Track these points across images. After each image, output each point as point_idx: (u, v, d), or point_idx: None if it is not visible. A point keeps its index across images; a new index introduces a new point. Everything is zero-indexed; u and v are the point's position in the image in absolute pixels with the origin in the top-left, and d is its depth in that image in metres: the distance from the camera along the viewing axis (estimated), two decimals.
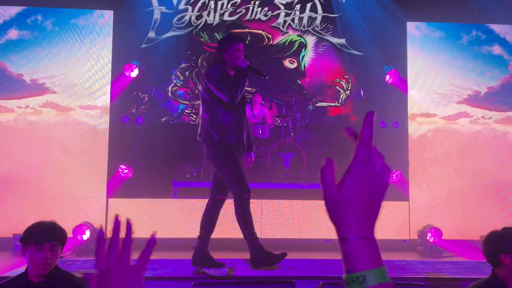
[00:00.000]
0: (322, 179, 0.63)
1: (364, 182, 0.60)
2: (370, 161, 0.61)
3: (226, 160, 3.07)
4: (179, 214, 5.33)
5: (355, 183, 0.60)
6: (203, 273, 2.77)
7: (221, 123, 3.02)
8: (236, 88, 2.99)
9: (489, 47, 6.03)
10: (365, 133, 0.63)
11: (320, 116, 7.21)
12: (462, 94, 6.00)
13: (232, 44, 3.11)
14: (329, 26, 7.19)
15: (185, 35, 7.05)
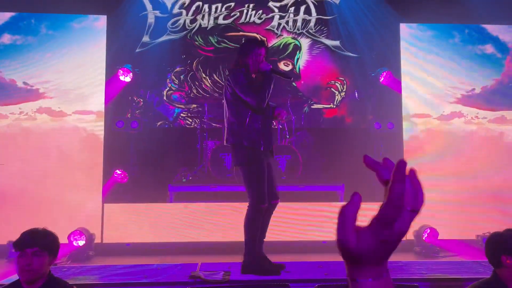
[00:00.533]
0: (341, 219, 0.60)
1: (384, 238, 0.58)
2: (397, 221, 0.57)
3: (253, 167, 3.07)
4: (175, 218, 5.32)
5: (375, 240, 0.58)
6: (199, 278, 2.75)
7: (250, 127, 3.00)
8: (263, 92, 2.99)
9: (482, 46, 6.06)
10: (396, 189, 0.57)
11: (315, 118, 7.22)
12: (456, 94, 6.02)
13: (254, 48, 3.11)
14: (323, 28, 7.21)
15: (179, 39, 7.04)
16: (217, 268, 3.11)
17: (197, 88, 7.08)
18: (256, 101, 2.97)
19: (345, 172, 6.07)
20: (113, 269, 3.12)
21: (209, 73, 7.12)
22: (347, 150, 6.40)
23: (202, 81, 7.10)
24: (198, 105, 6.91)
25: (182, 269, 3.03)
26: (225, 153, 5.65)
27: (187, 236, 5.21)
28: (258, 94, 2.97)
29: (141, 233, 5.26)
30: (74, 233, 4.97)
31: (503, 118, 6.04)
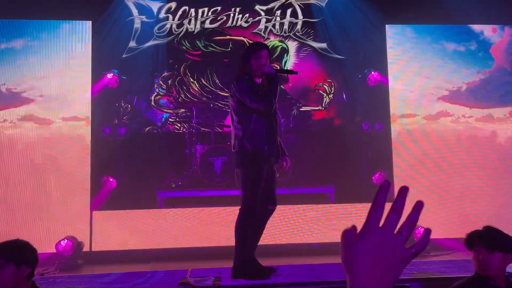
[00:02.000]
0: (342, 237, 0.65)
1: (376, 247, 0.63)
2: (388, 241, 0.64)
3: (252, 171, 3.08)
4: (165, 224, 5.26)
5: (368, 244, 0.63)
6: (189, 284, 2.72)
7: (254, 133, 3.03)
8: (270, 96, 2.99)
9: (466, 45, 6.13)
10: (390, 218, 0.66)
11: (304, 120, 7.23)
12: (442, 93, 6.08)
13: (255, 51, 3.12)
14: (310, 31, 7.23)
15: (166, 44, 7.01)
16: (207, 274, 3.08)
17: (185, 92, 7.05)
18: (264, 106, 2.98)
19: (335, 173, 6.08)
20: (101, 277, 3.07)
21: (196, 77, 7.09)
22: (336, 152, 6.41)
23: (190, 86, 7.07)
24: (187, 109, 6.87)
25: (172, 275, 2.99)
26: (214, 157, 5.62)
27: (178, 242, 5.17)
28: (265, 99, 2.98)
29: (130, 240, 5.19)
30: (62, 242, 4.89)
31: (489, 116, 6.11)
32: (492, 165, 5.88)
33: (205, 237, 5.19)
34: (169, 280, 2.88)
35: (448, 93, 6.08)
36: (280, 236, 5.23)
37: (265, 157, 3.06)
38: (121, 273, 3.27)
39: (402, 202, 0.65)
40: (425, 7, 6.11)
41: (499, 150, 6.02)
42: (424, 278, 2.81)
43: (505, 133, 6.08)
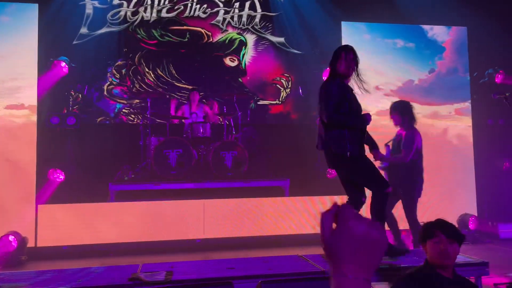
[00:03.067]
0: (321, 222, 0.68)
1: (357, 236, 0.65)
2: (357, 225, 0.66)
3: (362, 162, 3.13)
4: (116, 218, 5.10)
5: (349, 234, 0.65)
6: (139, 279, 2.64)
7: (338, 135, 3.08)
8: (342, 120, 3.07)
9: (417, 43, 6.37)
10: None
11: (261, 114, 7.24)
12: (393, 89, 6.30)
13: (341, 56, 3.20)
14: (268, 24, 7.24)
15: (120, 32, 6.76)
16: (159, 269, 3.00)
17: (140, 82, 6.84)
18: (328, 120, 3.07)
19: (290, 167, 6.15)
20: (46, 274, 2.92)
21: (152, 67, 6.90)
22: (292, 146, 6.49)
23: (145, 76, 6.87)
24: (141, 100, 6.68)
25: (121, 271, 2.89)
26: (169, 150, 5.51)
27: (129, 236, 5.03)
28: (333, 116, 3.05)
29: (79, 234, 5.00)
30: (4, 238, 4.62)
31: (436, 113, 6.40)
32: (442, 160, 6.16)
33: (158, 231, 5.09)
34: (119, 275, 2.78)
35: (398, 89, 6.30)
36: (234, 229, 5.22)
37: (346, 156, 3.09)
38: (68, 269, 3.13)
39: None
40: (379, 6, 6.29)
41: (446, 146, 6.33)
42: (379, 268, 2.90)
43: (452, 129, 6.39)
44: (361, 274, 0.64)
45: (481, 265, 2.97)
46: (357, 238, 0.65)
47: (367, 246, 0.65)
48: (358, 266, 0.64)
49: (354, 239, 0.65)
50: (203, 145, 5.90)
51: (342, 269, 0.64)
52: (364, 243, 0.65)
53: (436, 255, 2.01)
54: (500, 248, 5.06)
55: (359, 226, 0.65)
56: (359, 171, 3.16)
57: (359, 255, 0.65)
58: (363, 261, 0.65)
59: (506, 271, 3.69)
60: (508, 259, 4.49)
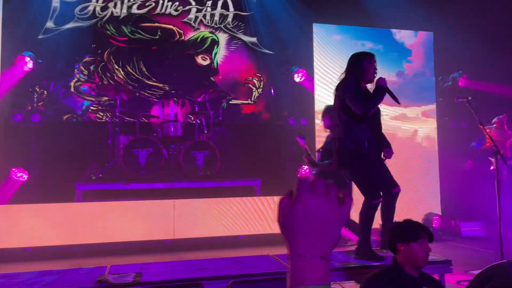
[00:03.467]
0: (279, 205, 0.67)
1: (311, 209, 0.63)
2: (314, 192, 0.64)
3: (359, 168, 3.21)
4: (83, 219, 4.97)
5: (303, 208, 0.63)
6: (106, 282, 2.58)
7: (357, 133, 3.16)
8: (372, 102, 3.14)
9: (386, 46, 6.53)
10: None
11: (233, 113, 7.23)
12: None
13: (366, 60, 3.27)
14: (241, 24, 7.24)
15: (89, 27, 6.59)
16: (127, 270, 2.94)
17: (109, 80, 6.69)
18: (362, 109, 3.11)
19: (262, 167, 6.18)
20: (7, 277, 2.80)
21: (122, 65, 6.76)
22: (264, 146, 6.51)
23: (114, 73, 6.72)
24: (110, 98, 6.53)
25: (88, 273, 2.82)
26: (138, 149, 5.41)
27: (96, 237, 4.91)
28: (365, 103, 3.12)
29: (43, 236, 4.83)
30: None
31: (403, 115, 6.58)
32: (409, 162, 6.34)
33: (127, 231, 4.99)
34: (85, 278, 2.71)
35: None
36: (205, 229, 5.19)
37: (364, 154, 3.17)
38: (32, 271, 3.02)
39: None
40: (350, 10, 6.41)
41: (413, 147, 6.52)
42: (345, 268, 2.95)
43: (419, 131, 6.59)
44: (318, 251, 0.62)
45: (444, 263, 3.08)
46: (311, 212, 0.63)
47: (322, 221, 0.63)
48: (314, 243, 0.62)
49: (308, 213, 0.63)
50: (174, 144, 5.83)
51: (298, 248, 0.62)
52: (319, 218, 0.63)
53: (422, 257, 2.07)
54: (462, 246, 5.26)
55: (313, 200, 0.63)
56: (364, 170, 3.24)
57: (314, 230, 0.62)
58: (319, 238, 0.63)
59: (468, 269, 3.84)
60: (469, 256, 4.67)
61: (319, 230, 0.63)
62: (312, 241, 0.62)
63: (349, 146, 3.19)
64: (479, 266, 2.81)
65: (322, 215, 0.63)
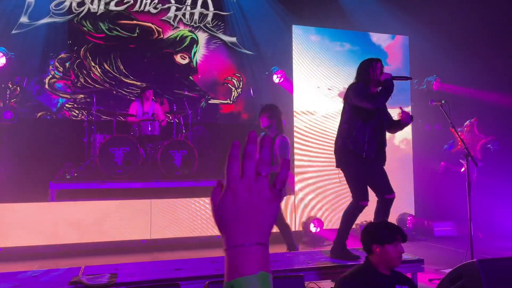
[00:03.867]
0: (211, 197, 0.65)
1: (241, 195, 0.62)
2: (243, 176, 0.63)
3: (354, 169, 3.33)
4: (57, 219, 4.86)
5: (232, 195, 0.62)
6: (81, 283, 2.54)
7: (358, 135, 3.28)
8: (382, 95, 3.29)
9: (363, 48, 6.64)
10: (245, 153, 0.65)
11: (212, 113, 7.22)
12: (341, 92, 6.51)
13: (372, 63, 3.40)
14: (221, 23, 7.23)
15: (64, 23, 6.46)
16: (102, 271, 2.90)
17: (85, 77, 6.57)
18: (374, 105, 3.27)
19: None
20: None
21: (99, 62, 6.65)
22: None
23: (90, 70, 6.61)
24: (86, 95, 6.41)
25: (62, 274, 2.77)
26: (115, 148, 5.33)
27: (71, 237, 4.81)
28: (376, 99, 3.29)
29: (16, 236, 4.70)
30: None
31: None
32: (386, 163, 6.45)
33: (102, 232, 4.92)
34: (59, 279, 2.66)
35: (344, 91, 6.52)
36: (182, 229, 5.17)
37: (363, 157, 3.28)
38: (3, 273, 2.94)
39: (253, 147, 0.64)
40: (329, 12, 6.49)
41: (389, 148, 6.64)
42: (319, 267, 2.99)
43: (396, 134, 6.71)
44: (254, 238, 0.60)
45: (417, 262, 3.17)
46: (241, 198, 0.61)
47: (253, 206, 0.61)
48: (249, 230, 0.60)
49: (238, 201, 0.61)
50: (152, 143, 5.77)
51: (233, 239, 0.60)
52: (250, 203, 0.61)
53: (394, 258, 2.13)
54: (435, 245, 5.41)
55: (241, 186, 0.61)
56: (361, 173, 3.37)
57: (247, 217, 0.61)
58: (253, 224, 0.61)
59: (440, 267, 3.95)
60: (441, 256, 4.81)
61: (252, 216, 0.61)
62: (247, 228, 0.61)
63: (349, 146, 3.32)
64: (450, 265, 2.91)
65: (253, 200, 0.61)
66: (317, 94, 6.13)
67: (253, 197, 0.62)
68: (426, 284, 3.61)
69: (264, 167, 0.63)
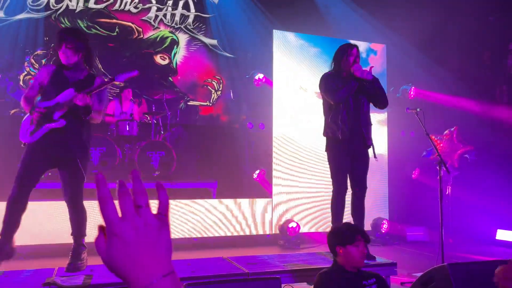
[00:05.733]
0: (97, 248, 0.59)
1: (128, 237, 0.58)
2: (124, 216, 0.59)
3: (331, 155, 3.56)
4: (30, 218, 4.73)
5: (120, 241, 0.58)
6: (54, 284, 2.50)
7: (334, 120, 3.47)
8: (344, 90, 3.42)
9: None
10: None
11: (191, 114, 7.19)
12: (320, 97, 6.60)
13: (346, 52, 3.54)
14: (202, 26, 7.22)
15: (42, 19, 6.33)
16: (77, 272, 2.86)
17: None
18: (335, 100, 3.47)
19: (218, 169, 6.18)
20: None
21: None
22: (221, 148, 6.52)
23: None
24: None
25: (35, 275, 2.71)
26: (91, 147, 5.22)
27: (44, 238, 4.70)
28: (336, 93, 3.45)
29: None
30: None
31: None
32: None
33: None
34: (31, 280, 2.60)
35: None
36: None
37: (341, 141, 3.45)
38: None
39: (138, 184, 0.61)
40: (310, 18, 6.59)
41: None
42: (295, 270, 3.03)
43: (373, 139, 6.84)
44: (159, 271, 0.58)
45: (390, 266, 3.25)
46: (130, 240, 0.57)
47: (147, 240, 0.58)
48: (150, 267, 0.57)
49: (128, 243, 0.57)
50: (129, 144, 5.70)
51: (140, 280, 0.57)
52: (142, 240, 0.58)
53: (356, 258, 2.21)
54: (407, 249, 5.54)
55: (126, 227, 0.58)
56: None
57: (145, 254, 0.58)
58: (153, 258, 0.58)
59: (412, 271, 4.06)
60: (413, 259, 4.93)
61: (149, 252, 0.58)
62: (148, 267, 0.57)
63: (328, 133, 3.54)
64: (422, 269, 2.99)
65: (143, 236, 0.58)
66: (298, 97, 6.19)
67: (141, 234, 0.58)
68: (399, 286, 3.70)
69: (141, 198, 0.60)
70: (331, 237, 2.34)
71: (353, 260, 2.21)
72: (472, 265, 2.60)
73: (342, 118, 3.46)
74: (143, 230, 0.59)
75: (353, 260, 2.21)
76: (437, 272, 2.49)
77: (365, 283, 2.22)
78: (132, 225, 0.58)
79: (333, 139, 3.51)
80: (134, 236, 0.58)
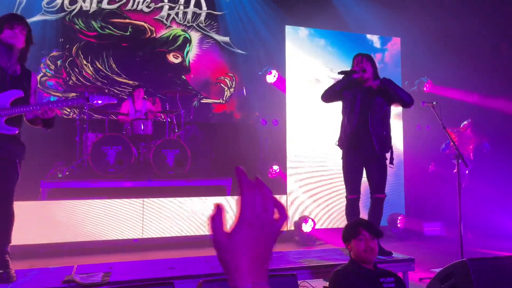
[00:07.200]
0: (211, 226, 0.60)
1: (254, 227, 0.59)
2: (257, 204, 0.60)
3: (343, 162, 3.54)
4: (48, 217, 4.83)
5: (246, 227, 0.59)
6: (74, 282, 2.54)
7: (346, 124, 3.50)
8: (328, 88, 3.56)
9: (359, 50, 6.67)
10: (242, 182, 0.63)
11: (205, 112, 7.22)
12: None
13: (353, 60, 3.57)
14: (213, 23, 7.23)
15: (56, 21, 6.42)
16: (96, 270, 2.90)
17: (77, 75, 6.53)
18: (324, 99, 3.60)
19: (233, 166, 6.18)
20: None
21: (91, 60, 6.62)
22: (235, 145, 6.53)
23: (82, 68, 6.57)
24: (78, 94, 6.37)
25: (55, 273, 2.76)
26: (107, 147, 5.30)
27: (63, 236, 4.78)
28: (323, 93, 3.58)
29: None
30: None
31: None
32: None
33: (94, 231, 4.89)
34: (52, 278, 2.65)
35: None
36: (175, 228, 5.16)
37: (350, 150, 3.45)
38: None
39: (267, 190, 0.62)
40: (323, 13, 6.52)
41: None
42: (311, 266, 3.02)
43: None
44: (264, 277, 0.58)
45: (407, 261, 3.21)
46: (253, 240, 0.58)
47: (265, 244, 0.59)
48: (259, 269, 0.58)
49: (251, 241, 0.58)
50: (144, 142, 5.75)
51: (244, 281, 0.56)
52: (263, 243, 0.58)
53: (361, 252, 2.21)
54: (425, 245, 5.47)
55: (255, 225, 0.58)
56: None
57: (260, 257, 0.58)
58: (263, 262, 0.58)
59: (430, 267, 4.01)
60: (431, 255, 4.87)
61: (263, 254, 0.59)
62: (258, 268, 0.58)
63: (342, 137, 3.55)
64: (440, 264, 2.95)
65: (264, 239, 0.59)
66: (311, 93, 6.15)
67: (265, 233, 0.59)
68: (417, 283, 3.66)
69: (268, 202, 0.61)
70: (342, 236, 2.39)
71: (359, 254, 2.22)
72: (494, 260, 2.55)
73: (348, 121, 3.48)
74: (267, 229, 0.60)
75: (359, 254, 2.22)
76: (456, 268, 2.45)
77: (383, 280, 2.20)
78: (263, 221, 0.59)
79: (341, 142, 3.56)
80: (260, 231, 0.59)
